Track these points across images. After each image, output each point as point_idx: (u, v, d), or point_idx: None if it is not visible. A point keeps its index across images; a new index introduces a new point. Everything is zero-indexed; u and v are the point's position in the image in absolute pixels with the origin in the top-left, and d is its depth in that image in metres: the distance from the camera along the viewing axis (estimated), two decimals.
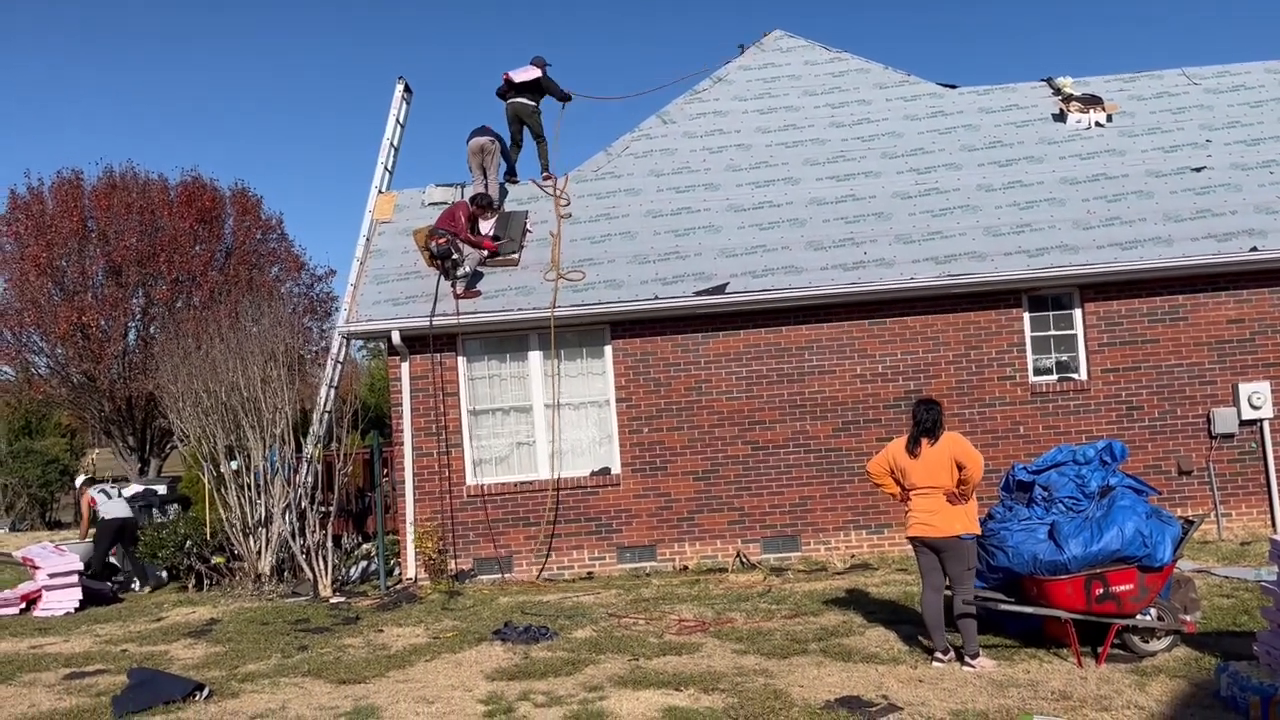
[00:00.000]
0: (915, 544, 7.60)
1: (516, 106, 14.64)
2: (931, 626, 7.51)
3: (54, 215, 28.21)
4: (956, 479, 7.31)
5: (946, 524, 7.33)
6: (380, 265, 13.47)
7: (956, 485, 7.31)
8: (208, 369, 13.01)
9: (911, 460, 7.47)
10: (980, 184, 13.77)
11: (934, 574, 7.49)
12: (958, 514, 7.33)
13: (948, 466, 7.33)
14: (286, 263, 31.74)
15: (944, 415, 7.62)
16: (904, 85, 15.88)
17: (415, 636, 9.48)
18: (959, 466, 7.28)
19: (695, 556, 12.56)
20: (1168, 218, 12.87)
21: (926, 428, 7.45)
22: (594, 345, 12.89)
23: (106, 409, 28.78)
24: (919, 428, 7.49)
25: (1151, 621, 7.34)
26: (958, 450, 7.33)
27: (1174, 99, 15.15)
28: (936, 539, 7.37)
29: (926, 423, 7.45)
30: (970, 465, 7.27)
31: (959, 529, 7.32)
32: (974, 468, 7.28)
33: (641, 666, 7.82)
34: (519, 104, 14.62)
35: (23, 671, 8.95)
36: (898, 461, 7.59)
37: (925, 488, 7.42)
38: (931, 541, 7.41)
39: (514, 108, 14.66)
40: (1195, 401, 12.54)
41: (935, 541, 7.38)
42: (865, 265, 12.57)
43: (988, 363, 12.63)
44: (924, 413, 7.50)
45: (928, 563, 7.51)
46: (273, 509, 12.55)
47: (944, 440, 7.41)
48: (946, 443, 7.40)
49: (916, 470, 7.45)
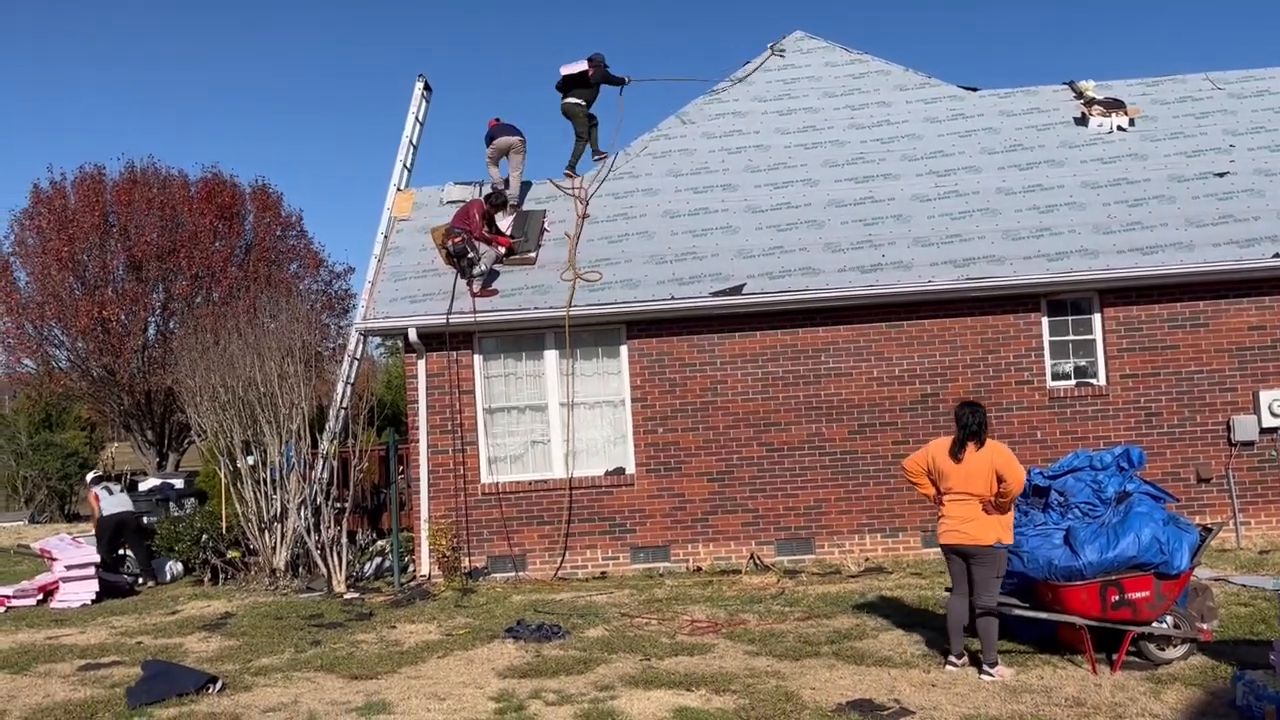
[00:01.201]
0: (947, 551, 7.49)
1: (565, 106, 14.83)
2: (951, 630, 7.45)
3: (76, 210, 28.44)
4: (995, 490, 7.20)
5: (981, 532, 7.21)
6: (398, 263, 13.51)
7: (995, 496, 7.21)
8: (226, 364, 13.10)
9: (953, 464, 7.31)
10: (1000, 187, 13.69)
11: (964, 580, 7.39)
12: (992, 523, 7.23)
13: (987, 476, 7.19)
14: (305, 259, 31.88)
15: (989, 418, 7.45)
16: (924, 88, 15.81)
17: (428, 633, 9.51)
18: (999, 479, 7.17)
19: (709, 557, 12.54)
20: (1190, 223, 12.77)
21: (972, 431, 7.29)
22: (610, 345, 12.89)
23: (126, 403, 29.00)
24: (964, 431, 7.32)
25: (1168, 629, 7.28)
26: (1000, 462, 7.18)
27: (1197, 103, 15.02)
28: (969, 546, 7.25)
29: (972, 426, 7.30)
30: (1011, 479, 7.15)
31: (993, 538, 7.20)
32: (1015, 482, 7.16)
33: (653, 666, 7.81)
34: (567, 104, 14.84)
35: (39, 662, 9.03)
36: (937, 463, 7.44)
37: (960, 494, 7.29)
38: (964, 549, 7.29)
39: (564, 107, 14.90)
40: (1215, 408, 12.43)
41: (968, 549, 7.27)
42: (883, 267, 12.52)
43: (1005, 367, 12.55)
44: (969, 415, 7.33)
45: (958, 569, 7.41)
46: (288, 504, 12.61)
47: (989, 448, 7.27)
48: (990, 451, 7.25)
49: (955, 475, 7.30)
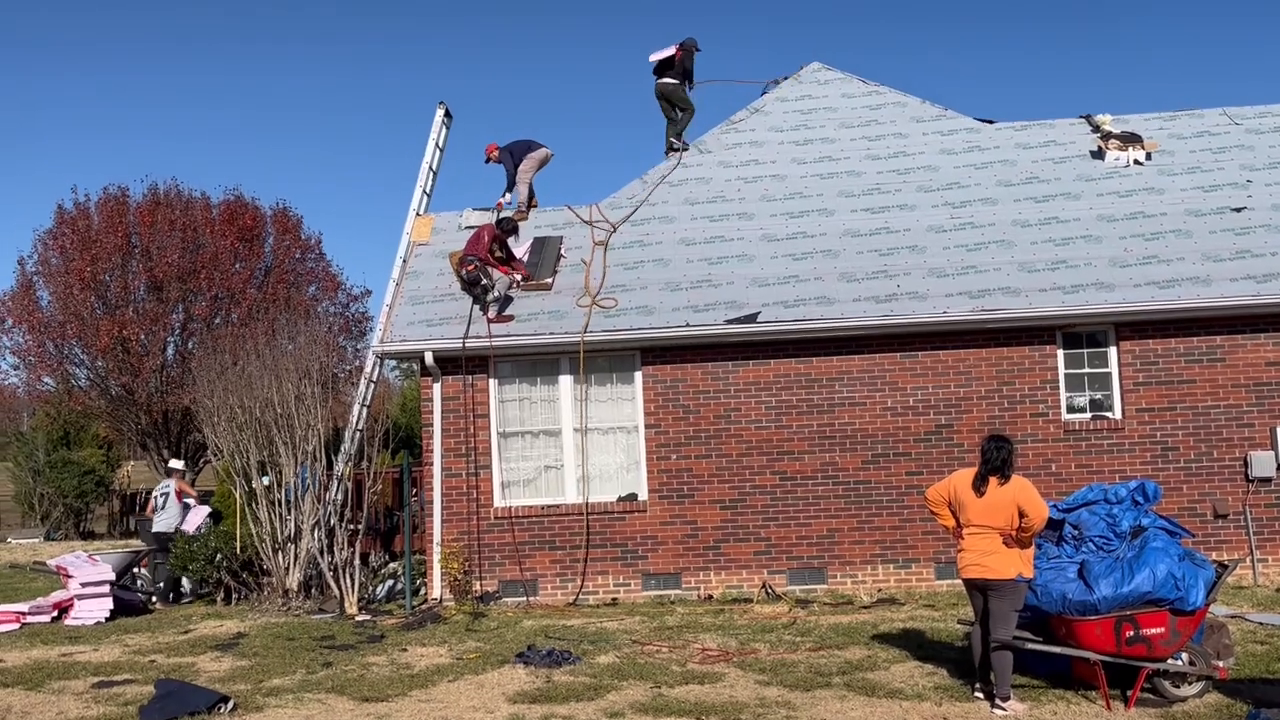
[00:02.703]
0: (968, 585, 7.46)
1: (660, 86, 15.66)
2: (978, 665, 7.43)
3: (99, 231, 28.76)
4: (1016, 525, 7.17)
5: (1003, 566, 7.17)
6: (416, 286, 13.62)
7: (1016, 531, 7.19)
8: (243, 385, 13.20)
9: (974, 497, 7.28)
10: (1016, 219, 13.72)
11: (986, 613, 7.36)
12: (1014, 557, 7.20)
13: (1009, 511, 7.17)
14: (324, 282, 32.12)
15: (1015, 454, 7.42)
16: (941, 119, 15.89)
17: (439, 657, 9.51)
18: (1021, 514, 7.15)
19: (720, 586, 12.51)
20: (1206, 257, 12.75)
21: (995, 465, 7.25)
22: (624, 371, 12.93)
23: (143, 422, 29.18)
24: (988, 465, 7.28)
25: (1183, 666, 7.22)
26: (1023, 498, 7.16)
27: (1214, 138, 15.04)
28: (990, 580, 7.21)
29: (996, 461, 7.26)
30: (1033, 515, 7.12)
31: (1014, 572, 7.17)
32: (1037, 519, 7.14)
33: (664, 694, 7.80)
34: (663, 83, 15.64)
35: (53, 679, 9.08)
36: (958, 495, 7.40)
37: (980, 527, 7.26)
38: (983, 582, 7.26)
39: (659, 87, 15.68)
40: (1232, 444, 12.36)
41: (988, 582, 7.23)
42: (898, 298, 12.54)
43: (1020, 399, 12.52)
44: (994, 450, 7.29)
45: (980, 603, 7.38)
46: (302, 525, 12.66)
47: (1013, 484, 7.23)
48: (1014, 487, 7.22)
49: (976, 508, 7.27)
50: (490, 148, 14.97)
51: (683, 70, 15.69)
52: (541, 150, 14.95)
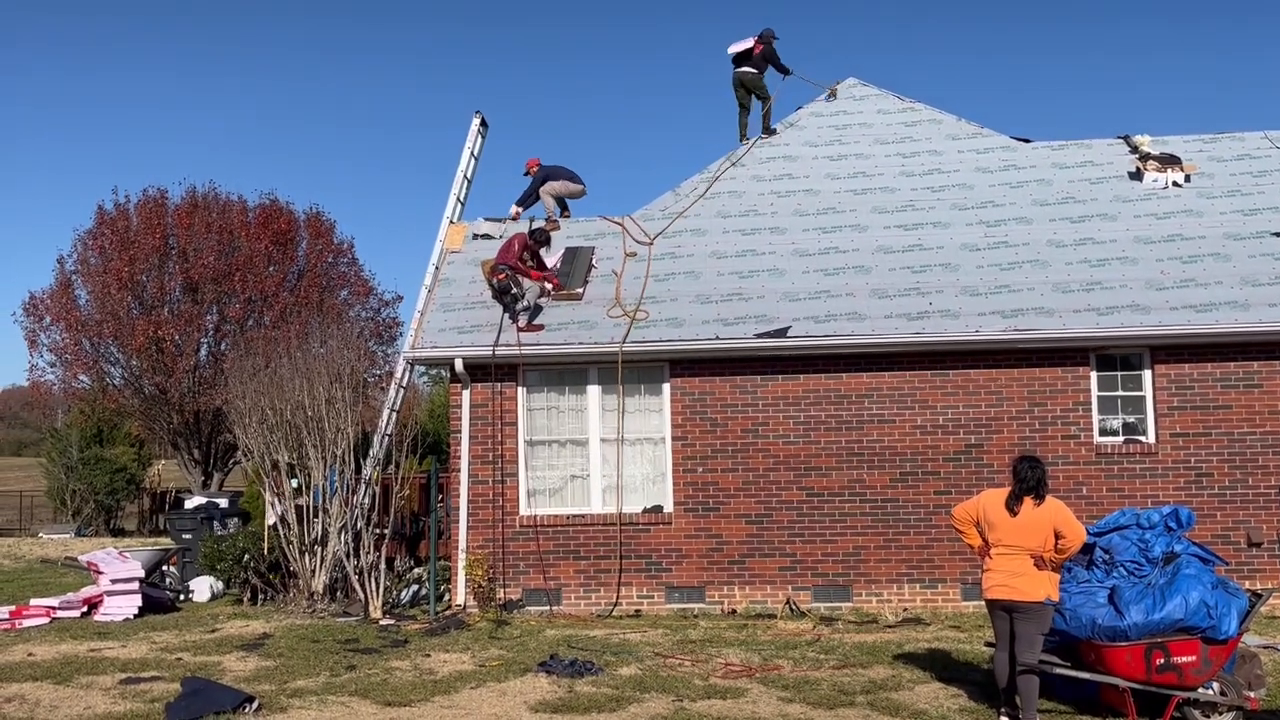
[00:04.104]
0: (993, 606, 7.36)
1: (739, 75, 16.09)
2: (1002, 687, 7.35)
3: (138, 232, 29.22)
4: (1051, 546, 7.12)
5: (1031, 588, 7.11)
6: (448, 294, 13.70)
7: (1054, 552, 7.14)
8: (275, 387, 13.31)
9: (1007, 517, 7.21)
10: (1051, 239, 13.61)
11: (1008, 636, 7.27)
12: (1042, 579, 7.14)
13: (1044, 532, 7.12)
14: (355, 287, 32.42)
15: (1048, 475, 7.38)
16: (976, 138, 15.81)
17: (461, 663, 9.53)
18: (1058, 535, 7.10)
19: (744, 600, 12.45)
20: (1245, 282, 12.59)
21: (1030, 486, 7.19)
22: (652, 382, 12.93)
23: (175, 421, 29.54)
24: (1022, 485, 7.21)
25: (1214, 695, 7.11)
26: (1060, 520, 7.12)
27: (1255, 161, 14.86)
28: (1018, 601, 7.14)
29: (1030, 481, 7.20)
30: (1070, 536, 7.09)
31: (1042, 594, 7.11)
32: (1074, 540, 7.11)
33: (685, 708, 7.77)
34: (741, 72, 16.08)
35: (81, 674, 9.18)
36: (988, 514, 7.34)
37: (1011, 547, 7.19)
38: (1010, 604, 7.18)
39: (737, 76, 16.11)
40: (1268, 471, 12.17)
41: (1015, 604, 7.16)
42: (930, 315, 12.47)
43: (1052, 420, 12.40)
44: (1028, 470, 7.23)
45: (1004, 625, 7.29)
46: (329, 528, 12.74)
47: (1048, 505, 7.19)
48: (1051, 509, 7.18)
49: (1009, 528, 7.20)
50: (532, 162, 15.11)
51: (763, 60, 16.08)
52: (578, 186, 15.19)
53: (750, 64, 16.14)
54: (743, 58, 16.16)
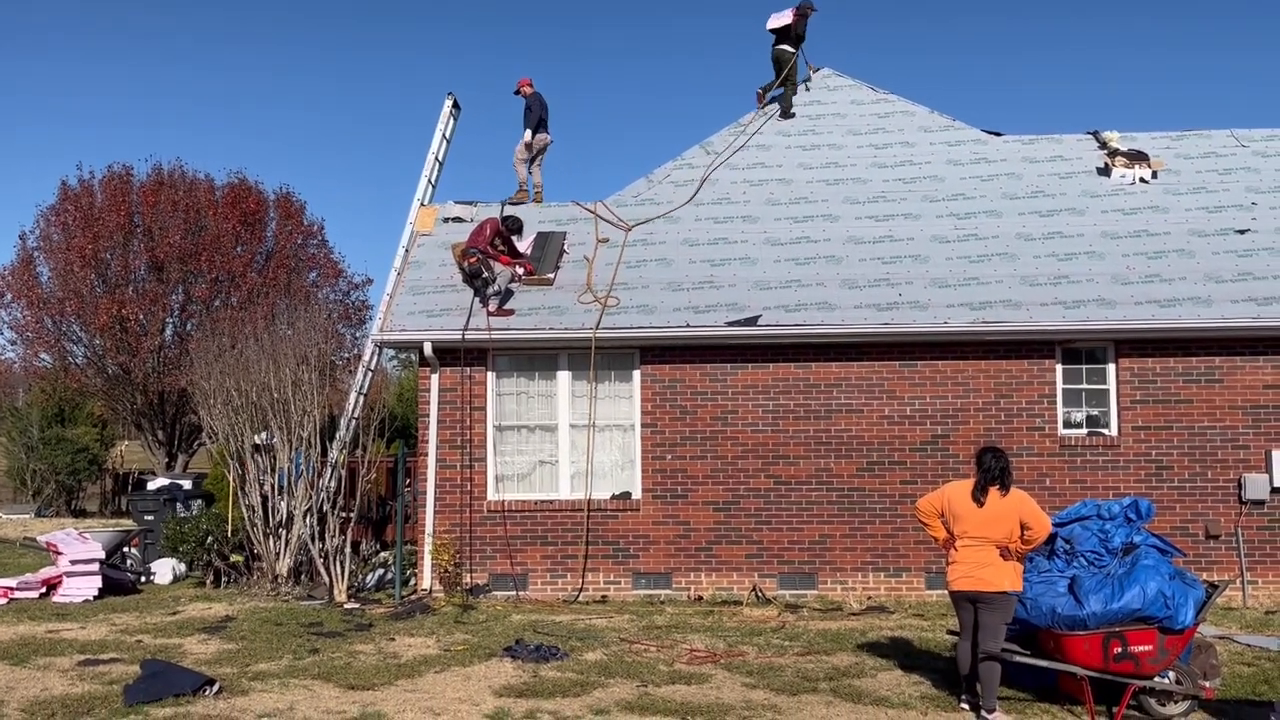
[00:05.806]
0: (957, 597, 7.43)
1: (774, 52, 16.04)
2: (963, 675, 7.45)
3: (102, 209, 28.69)
4: (1017, 537, 7.19)
5: (996, 578, 7.19)
6: (418, 277, 13.60)
7: (1020, 543, 7.21)
8: (240, 368, 13.17)
9: (975, 509, 7.27)
10: (1020, 233, 13.72)
11: (972, 626, 7.35)
12: (1007, 569, 7.22)
13: (1010, 523, 7.19)
14: (325, 269, 32.05)
15: (1012, 465, 7.45)
16: (949, 130, 15.88)
17: (426, 647, 9.50)
18: (1024, 526, 7.17)
19: (710, 587, 12.50)
20: (1208, 278, 12.76)
21: (994, 475, 7.27)
22: (622, 369, 12.92)
23: (139, 402, 29.13)
24: (987, 475, 7.28)
25: (1170, 684, 7.22)
26: (1026, 511, 7.20)
27: (1221, 159, 15.05)
28: (982, 592, 7.22)
29: (994, 470, 7.27)
30: (1036, 528, 7.17)
31: (1006, 584, 7.20)
32: (1040, 531, 7.18)
33: (650, 693, 7.79)
34: (777, 50, 16.01)
35: (38, 655, 9.07)
36: (953, 506, 7.39)
37: (977, 539, 7.25)
38: (975, 594, 7.26)
39: (773, 53, 16.05)
40: (1227, 465, 12.36)
41: (980, 594, 7.23)
42: (899, 306, 12.54)
43: (1017, 412, 12.53)
44: (991, 460, 7.31)
45: (968, 615, 7.37)
46: (294, 511, 12.64)
47: (1014, 496, 7.26)
48: (1016, 500, 7.25)
49: (974, 519, 7.26)
50: (524, 81, 15.21)
51: (797, 35, 15.96)
52: (549, 137, 15.29)
53: (788, 42, 15.95)
54: (783, 35, 15.96)
